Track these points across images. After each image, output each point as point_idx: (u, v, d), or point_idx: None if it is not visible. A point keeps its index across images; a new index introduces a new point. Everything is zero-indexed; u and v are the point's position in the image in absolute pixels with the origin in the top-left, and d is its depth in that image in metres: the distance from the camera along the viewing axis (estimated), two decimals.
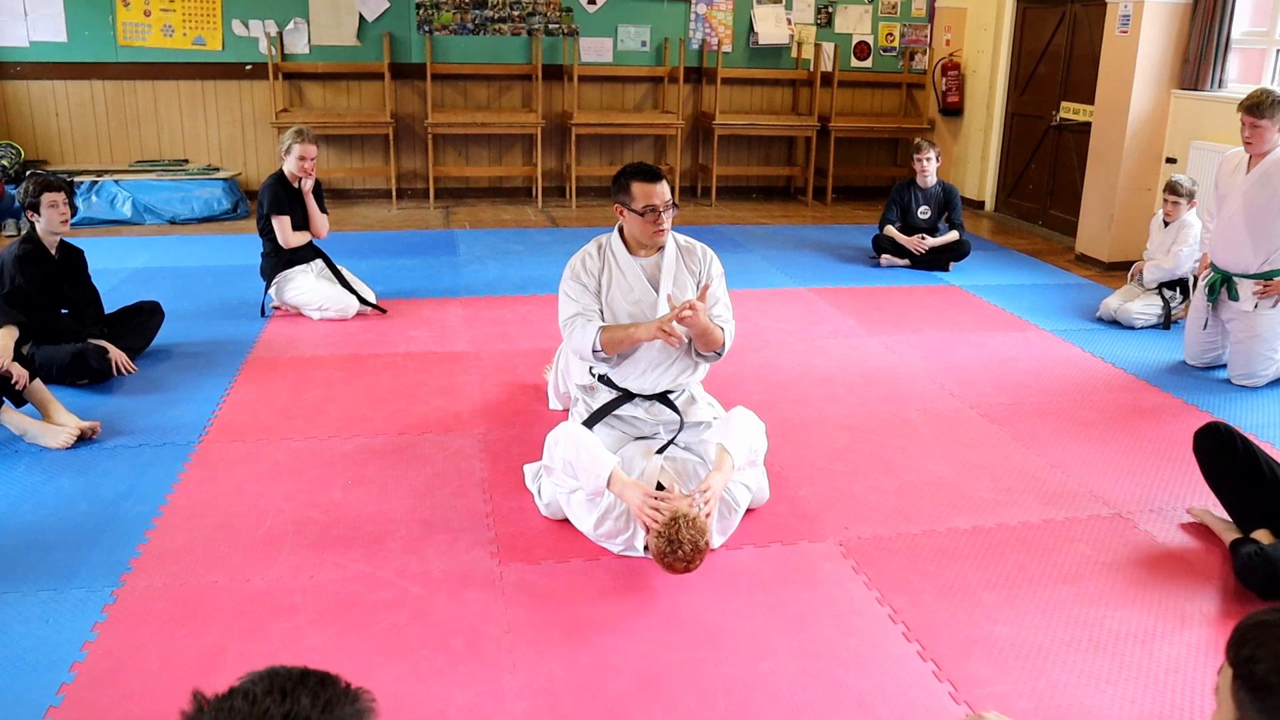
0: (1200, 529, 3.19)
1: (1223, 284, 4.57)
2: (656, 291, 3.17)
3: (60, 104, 7.80)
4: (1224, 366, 4.68)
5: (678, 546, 2.63)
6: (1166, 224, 5.41)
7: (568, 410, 3.61)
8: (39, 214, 4.12)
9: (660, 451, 3.09)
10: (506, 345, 4.79)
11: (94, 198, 7.30)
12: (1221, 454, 3.09)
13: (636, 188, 3.05)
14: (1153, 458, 3.71)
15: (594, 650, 2.49)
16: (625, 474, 2.86)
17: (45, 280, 4.18)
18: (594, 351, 3.09)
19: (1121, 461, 3.69)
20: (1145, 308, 5.36)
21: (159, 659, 2.42)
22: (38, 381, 3.72)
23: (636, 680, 2.38)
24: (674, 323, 2.94)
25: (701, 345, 3.15)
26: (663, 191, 3.06)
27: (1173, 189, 5.30)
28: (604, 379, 3.26)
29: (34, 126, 7.78)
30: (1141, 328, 5.32)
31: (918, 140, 6.57)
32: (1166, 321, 5.34)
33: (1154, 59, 6.31)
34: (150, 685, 2.32)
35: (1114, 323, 5.39)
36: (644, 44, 8.52)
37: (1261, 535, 2.94)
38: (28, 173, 6.78)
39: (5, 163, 7.32)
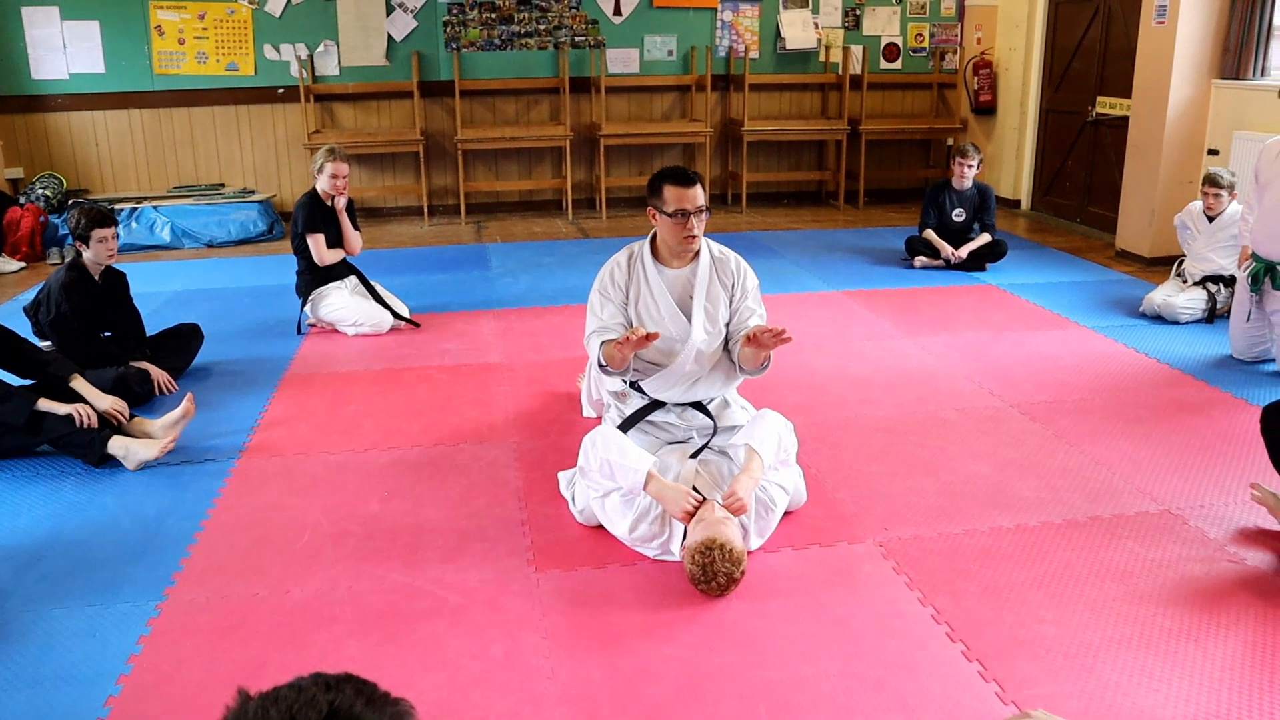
0: (1252, 522, 3.10)
1: (1266, 274, 4.46)
2: (685, 315, 3.13)
3: (100, 133, 7.96)
4: (1272, 360, 4.57)
5: (712, 578, 2.65)
6: (1210, 218, 5.31)
7: (601, 418, 3.60)
8: (87, 246, 4.21)
9: (694, 456, 3.07)
10: (539, 356, 4.80)
11: (134, 224, 7.43)
12: None
13: (669, 191, 3.04)
14: (1202, 453, 3.63)
15: (633, 656, 2.47)
16: (661, 476, 2.85)
17: (89, 306, 4.26)
18: (600, 365, 3.08)
19: (1169, 458, 3.61)
20: (1190, 302, 5.26)
21: (203, 671, 2.43)
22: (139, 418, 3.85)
23: (676, 686, 2.36)
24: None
25: (749, 364, 3.13)
26: (695, 196, 3.04)
27: (1213, 180, 5.22)
28: (635, 385, 3.25)
29: (75, 156, 7.94)
30: (1186, 322, 5.22)
31: (964, 145, 6.48)
32: (1211, 315, 5.23)
33: (1192, 49, 6.20)
34: (195, 697, 2.34)
35: (1157, 318, 5.29)
36: (670, 53, 8.53)
37: None
38: (70, 203, 6.94)
39: (49, 193, 7.47)
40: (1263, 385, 4.35)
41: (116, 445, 3.59)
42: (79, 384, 3.76)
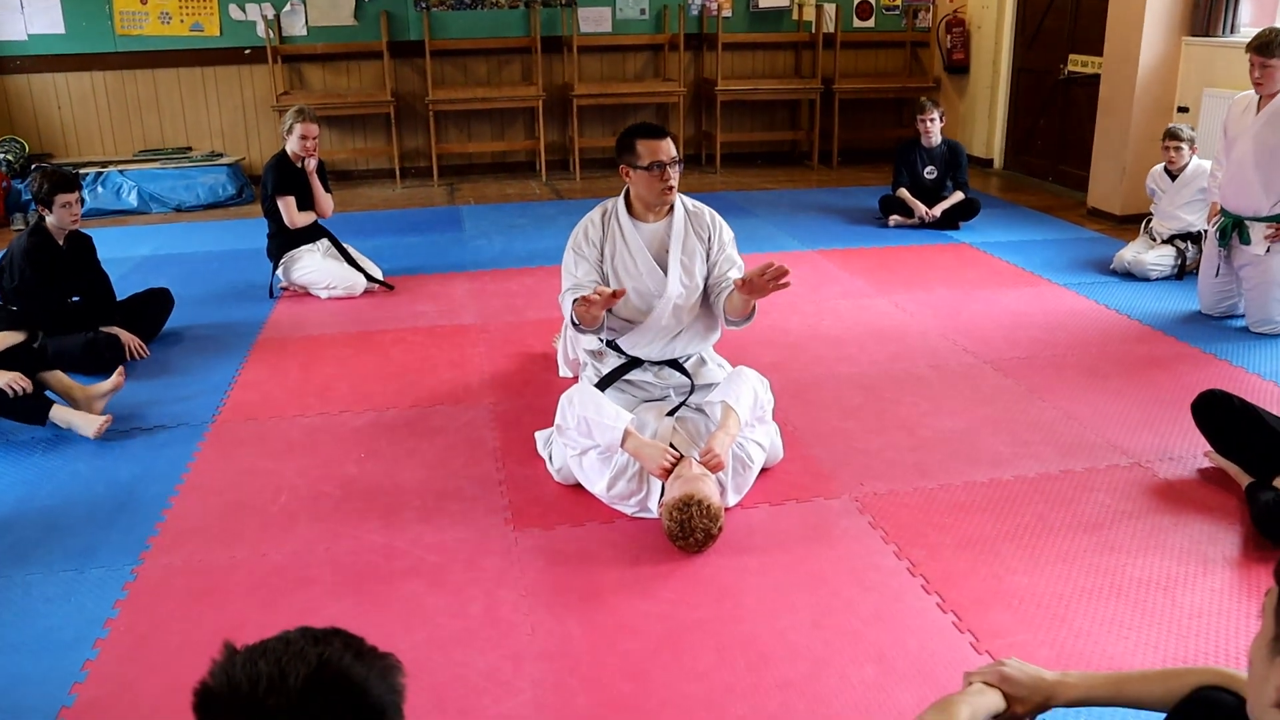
0: (1218, 475, 3.15)
1: (1233, 228, 4.51)
2: (662, 268, 3.12)
3: (61, 96, 7.78)
4: (1241, 315, 4.63)
5: (690, 534, 2.66)
6: (1173, 175, 5.34)
7: (577, 377, 3.60)
8: (50, 211, 4.12)
9: (671, 414, 3.08)
10: (514, 317, 4.78)
11: (99, 188, 7.30)
12: (1219, 413, 3.09)
13: (642, 145, 3.02)
14: (1170, 406, 3.67)
15: (611, 612, 2.49)
16: (638, 434, 2.86)
17: (54, 271, 4.19)
18: (573, 324, 3.06)
19: (1138, 411, 3.65)
20: (1159, 259, 5.30)
21: (180, 634, 2.43)
22: (56, 372, 3.74)
23: (655, 640, 2.38)
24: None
25: (736, 314, 3.11)
26: (668, 148, 3.03)
27: (1173, 134, 5.26)
28: (612, 344, 3.24)
29: (37, 120, 7.77)
30: (1156, 279, 5.27)
31: (921, 100, 6.50)
32: (1181, 272, 5.28)
33: (1163, 6, 6.20)
34: (172, 659, 2.33)
35: (1128, 275, 5.33)
36: (643, 12, 8.44)
37: None
38: (34, 166, 6.80)
39: (10, 158, 7.31)
40: (1230, 340, 4.40)
41: (59, 416, 3.54)
42: None
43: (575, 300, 3.01)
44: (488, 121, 8.44)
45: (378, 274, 5.30)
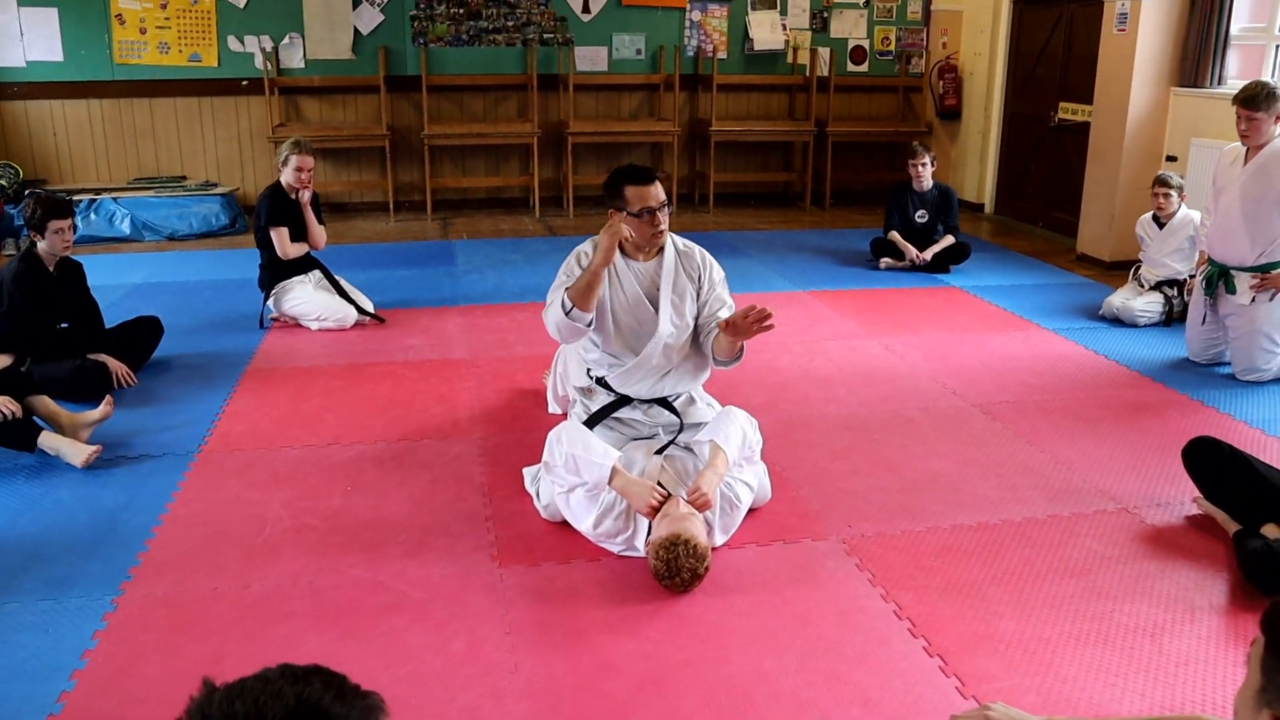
0: (1206, 522, 3.16)
1: (1220, 278, 4.55)
2: (652, 306, 3.13)
3: (58, 123, 7.81)
4: (1228, 363, 4.65)
5: (676, 573, 2.65)
6: (1161, 223, 5.40)
7: (566, 414, 3.59)
8: (43, 236, 4.12)
9: (660, 452, 3.07)
10: (504, 352, 4.78)
11: (93, 216, 7.31)
12: (1209, 459, 3.10)
13: (630, 191, 3.03)
14: (1158, 452, 3.69)
15: (595, 651, 2.47)
16: (626, 471, 2.85)
17: (44, 297, 4.18)
18: (567, 312, 3.01)
19: (1126, 457, 3.66)
20: (1147, 305, 5.34)
21: (159, 666, 2.40)
22: (44, 397, 3.72)
23: (639, 680, 2.36)
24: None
25: (724, 354, 3.11)
26: (657, 192, 3.04)
27: (1163, 180, 5.33)
28: (602, 381, 3.24)
29: (32, 146, 7.79)
30: (1145, 325, 5.30)
31: (913, 144, 6.57)
32: (1169, 319, 5.31)
33: (1152, 56, 6.30)
34: (150, 692, 2.30)
35: (1116, 321, 5.36)
36: (639, 52, 8.53)
37: (1270, 530, 2.91)
38: (27, 192, 6.81)
39: (4, 183, 7.32)
40: (1218, 387, 4.43)
41: (47, 443, 3.52)
42: None
43: (570, 288, 3.00)
44: (483, 157, 8.50)
45: (369, 306, 5.30)
